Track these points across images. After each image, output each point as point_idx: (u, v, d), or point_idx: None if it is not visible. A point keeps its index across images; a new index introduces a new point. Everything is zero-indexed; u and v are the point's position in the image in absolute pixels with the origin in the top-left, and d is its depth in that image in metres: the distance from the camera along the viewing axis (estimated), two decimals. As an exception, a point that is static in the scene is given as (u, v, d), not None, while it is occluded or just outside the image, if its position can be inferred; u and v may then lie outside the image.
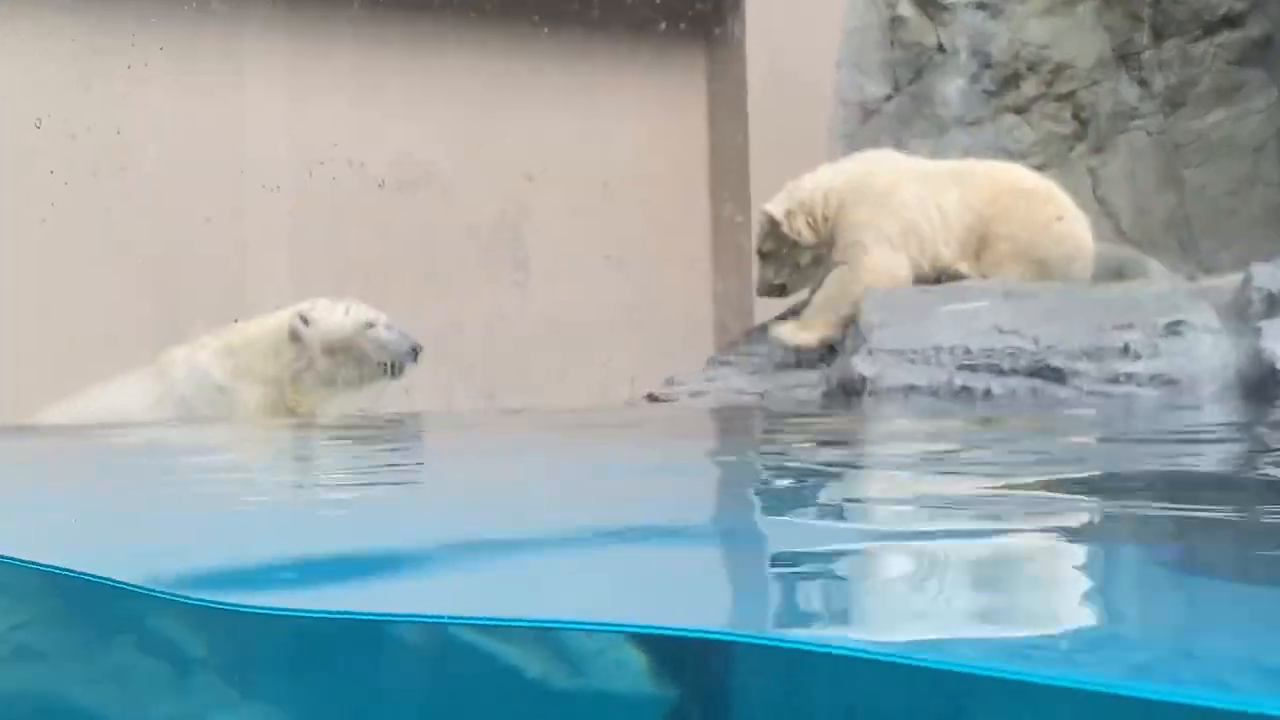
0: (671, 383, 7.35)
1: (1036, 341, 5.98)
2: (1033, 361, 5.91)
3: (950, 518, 2.28)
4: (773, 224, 7.43)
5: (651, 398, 7.23)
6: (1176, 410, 5.30)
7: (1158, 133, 9.44)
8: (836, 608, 1.68)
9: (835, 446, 4.20)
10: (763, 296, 7.81)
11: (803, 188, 7.43)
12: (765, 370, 7.36)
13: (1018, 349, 5.97)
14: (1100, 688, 1.22)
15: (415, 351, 6.25)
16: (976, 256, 7.23)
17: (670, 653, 1.68)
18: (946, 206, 7.25)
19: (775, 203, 7.49)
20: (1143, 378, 5.75)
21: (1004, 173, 7.59)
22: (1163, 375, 5.75)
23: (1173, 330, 5.94)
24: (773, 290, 7.64)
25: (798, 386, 6.90)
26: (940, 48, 9.59)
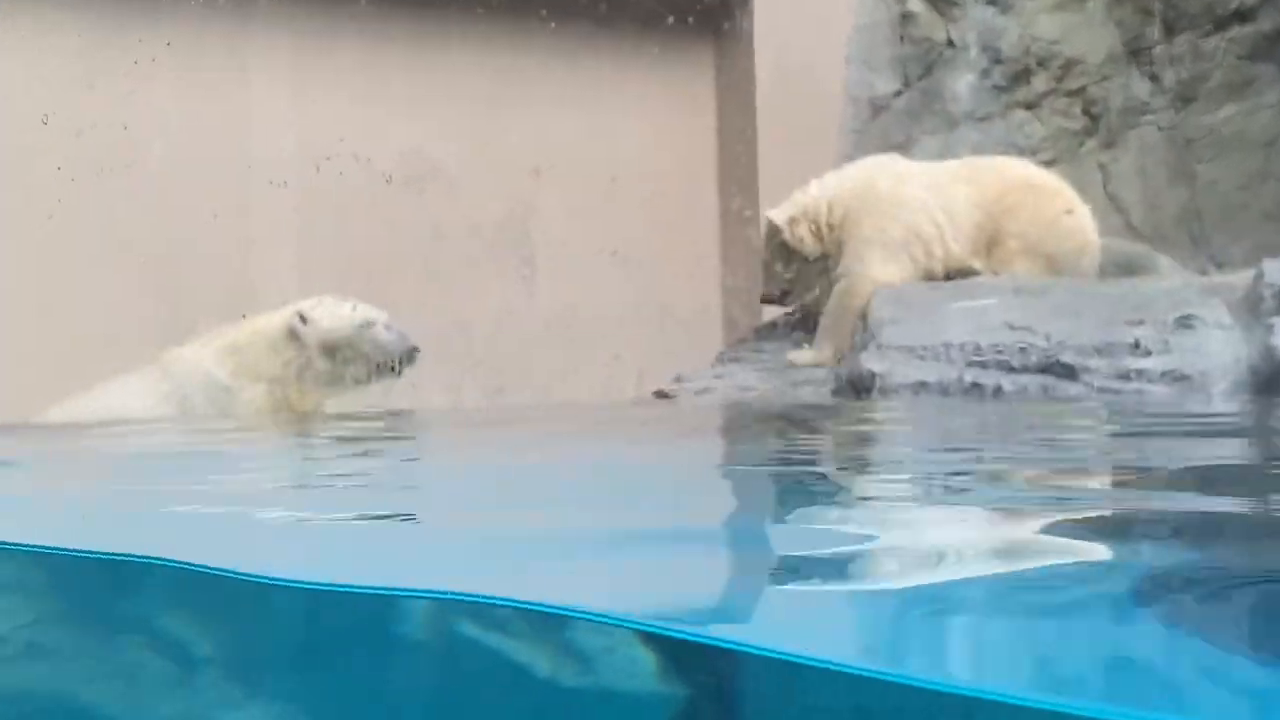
0: (680, 380, 7.34)
1: (1047, 338, 5.98)
2: (1043, 358, 5.91)
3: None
4: (776, 231, 7.43)
5: (659, 394, 7.22)
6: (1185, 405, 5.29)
7: (1169, 128, 9.43)
8: (848, 618, 1.66)
9: (851, 446, 4.20)
10: (766, 304, 7.82)
11: (808, 195, 7.43)
12: (774, 367, 7.35)
13: (1028, 345, 5.97)
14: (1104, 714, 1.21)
15: (413, 352, 6.27)
16: (987, 253, 7.23)
17: (681, 651, 1.67)
18: (954, 207, 7.25)
19: (779, 210, 7.49)
20: (1154, 374, 5.74)
21: (1010, 168, 7.59)
22: (1174, 371, 5.74)
23: (1184, 326, 5.94)
24: (776, 298, 7.65)
25: (806, 383, 6.89)
26: (950, 43, 9.58)
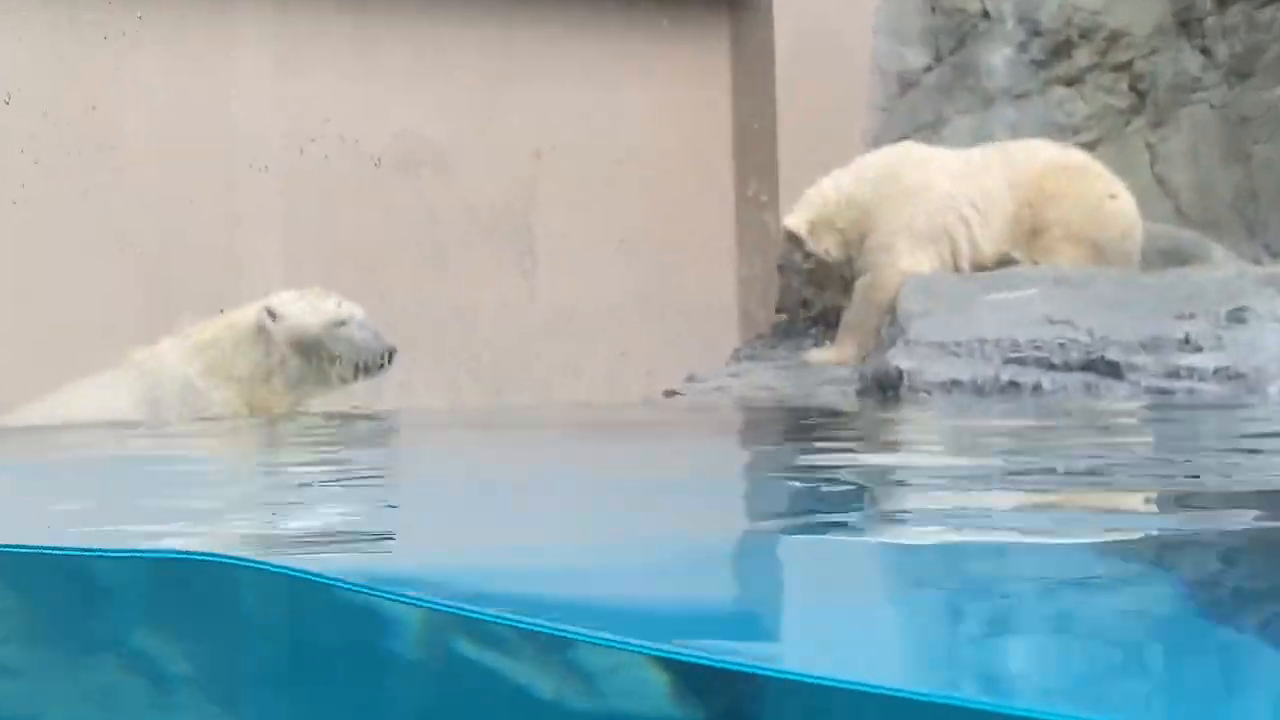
0: (693, 379, 7.33)
1: (1090, 333, 5.96)
2: (1086, 354, 5.89)
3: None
4: (798, 243, 7.35)
5: (670, 394, 7.21)
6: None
7: (1222, 105, 9.38)
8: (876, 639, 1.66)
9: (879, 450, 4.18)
10: (781, 314, 7.76)
11: (823, 197, 7.37)
12: (793, 365, 7.35)
13: (1070, 340, 5.95)
14: None
15: (388, 354, 6.26)
16: (1027, 243, 7.21)
17: (695, 671, 1.66)
18: (985, 196, 7.23)
19: (796, 216, 7.41)
20: (1205, 371, 5.72)
21: (1045, 151, 7.58)
22: (1227, 369, 5.72)
23: (1237, 319, 5.92)
24: (795, 311, 7.59)
25: (827, 383, 6.88)
26: (985, 14, 9.55)
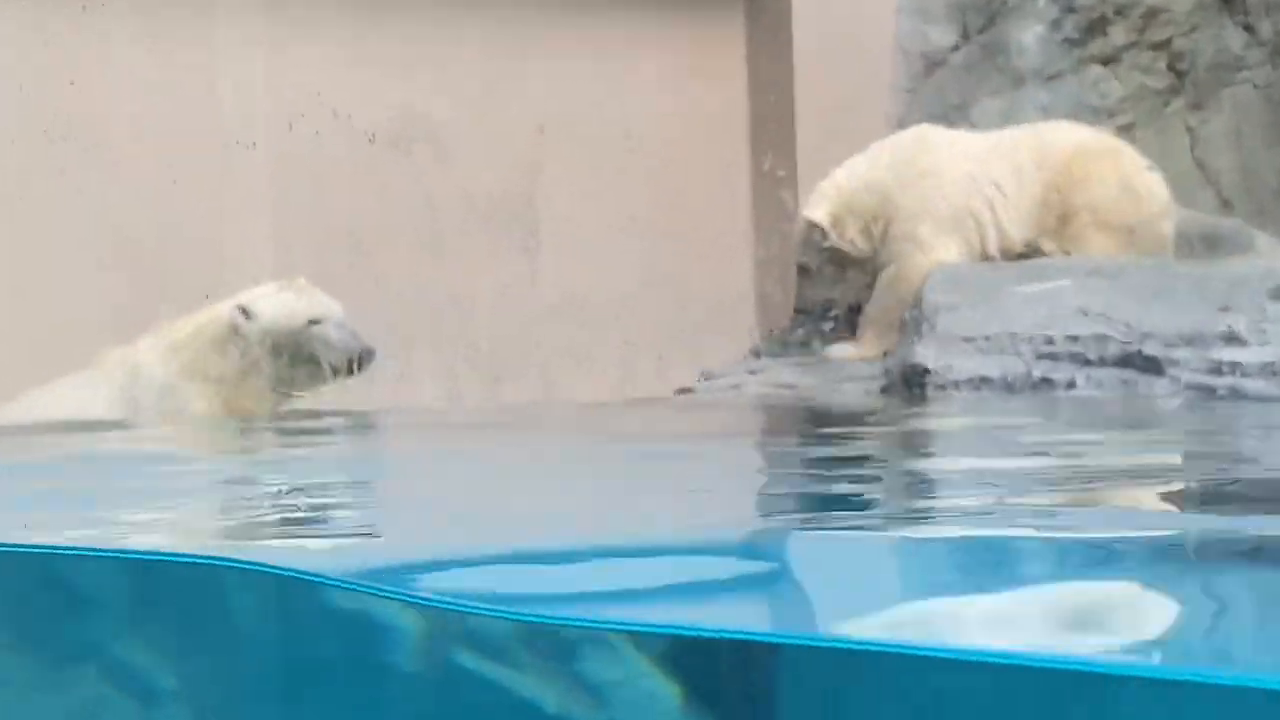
0: (707, 375, 7.34)
1: (1127, 326, 5.97)
2: (1123, 349, 5.90)
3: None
4: (820, 235, 7.33)
5: (683, 391, 7.22)
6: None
7: (1266, 85, 9.37)
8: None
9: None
10: (801, 314, 7.74)
11: (839, 186, 7.36)
12: (815, 361, 7.35)
13: (1106, 335, 5.96)
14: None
15: (365, 355, 6.29)
16: (1056, 232, 7.22)
17: (708, 684, 1.67)
18: (1010, 177, 7.24)
19: (815, 205, 7.38)
20: (1250, 367, 5.73)
21: (1068, 133, 7.59)
22: (1274, 364, 5.73)
23: (1283, 312, 5.93)
24: (814, 309, 7.57)
25: (852, 380, 6.89)
26: (1016, -11, 9.54)
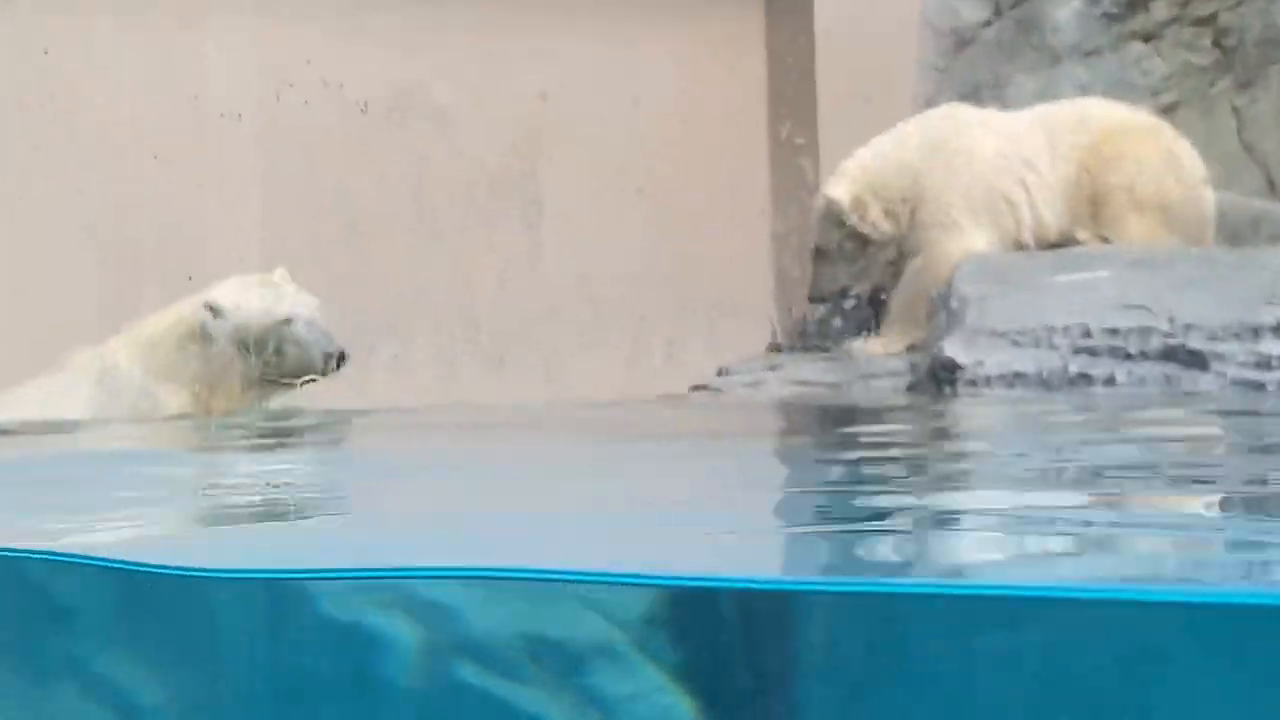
0: (724, 372, 7.32)
1: (1170, 319, 5.95)
2: (1166, 343, 5.88)
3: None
4: (840, 215, 7.28)
5: (699, 389, 7.20)
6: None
7: (1317, 64, 9.35)
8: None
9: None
10: (816, 302, 7.69)
11: (863, 166, 7.32)
12: (836, 357, 7.34)
13: (1147, 327, 5.95)
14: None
15: (335, 357, 6.31)
16: (1091, 217, 7.20)
17: (725, 700, 1.66)
18: (1044, 159, 7.22)
19: (836, 184, 7.34)
20: (1301, 362, 5.72)
21: (1097, 110, 7.59)
22: (1325, 359, 5.72)
23: (1337, 304, 5.92)
24: (830, 295, 7.53)
25: (875, 377, 6.88)
26: (1051, -39, 9.53)
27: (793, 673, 1.70)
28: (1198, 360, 5.82)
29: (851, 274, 7.37)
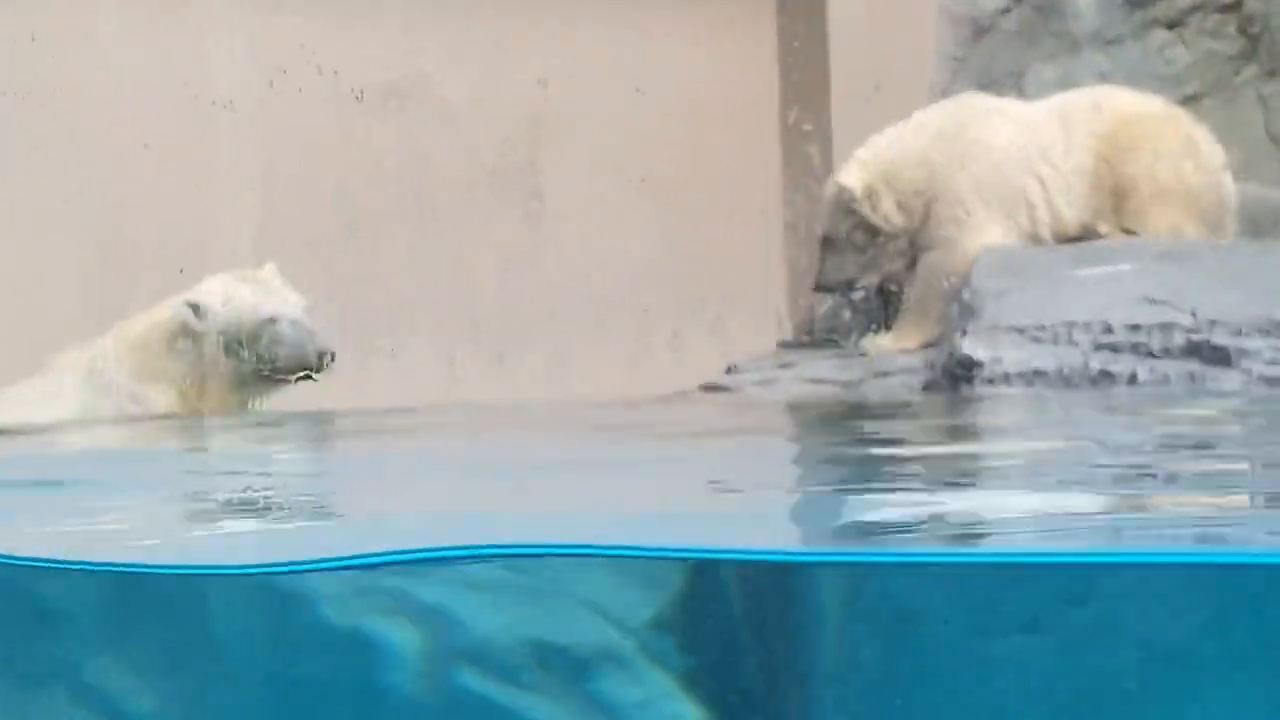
0: (734, 369, 7.32)
1: (1194, 314, 5.95)
2: (1189, 339, 5.88)
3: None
4: (851, 203, 7.27)
5: (711, 388, 7.20)
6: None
7: (1347, 51, 9.33)
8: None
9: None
10: (821, 292, 7.68)
11: (879, 155, 7.31)
12: (850, 354, 7.34)
13: (1171, 324, 5.94)
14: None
15: (320, 357, 6.31)
16: (1113, 210, 7.20)
17: (734, 708, 1.66)
18: (1063, 152, 7.22)
19: (849, 172, 7.33)
20: (1331, 359, 5.72)
21: (1109, 97, 7.57)
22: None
23: (1367, 299, 5.91)
24: (836, 286, 7.51)
25: (890, 374, 6.88)
26: (1071, -54, 9.51)
27: (803, 677, 1.70)
28: (1222, 357, 5.81)
29: (859, 265, 7.36)
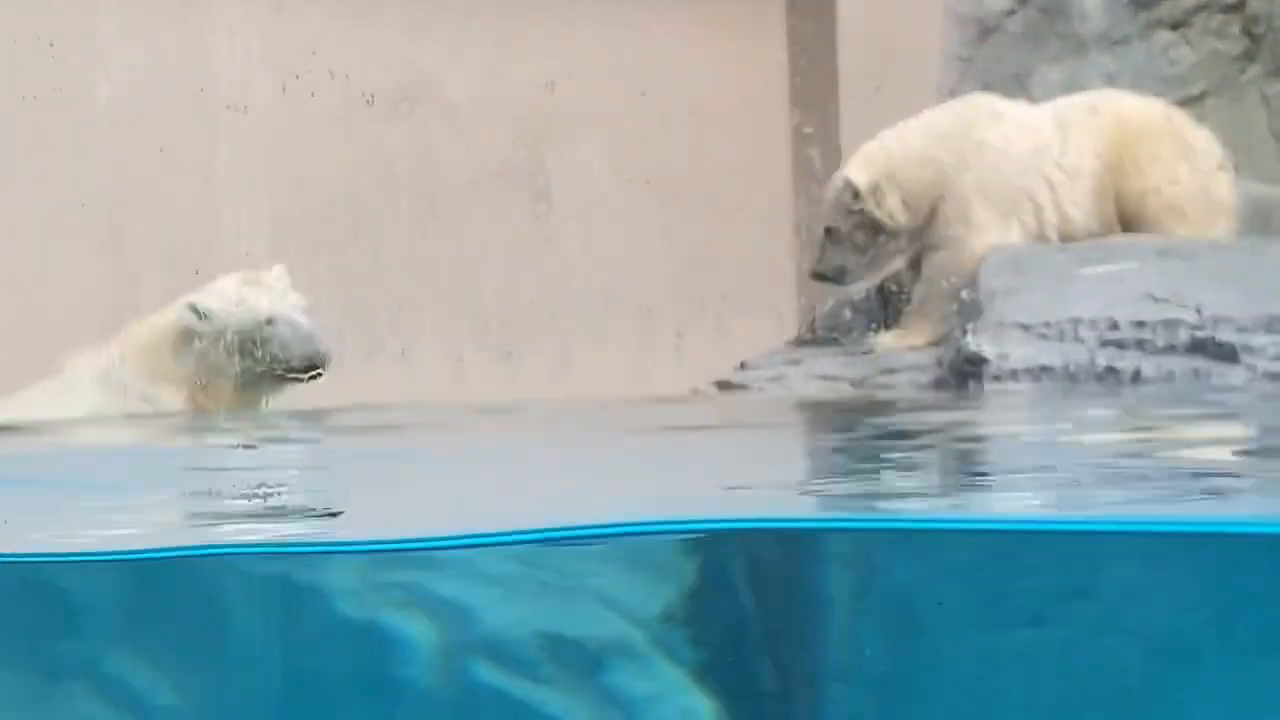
0: (745, 366, 7.32)
1: (1199, 311, 5.96)
2: (1194, 336, 5.88)
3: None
4: (854, 198, 7.27)
5: (723, 386, 7.20)
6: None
7: (1351, 51, 9.32)
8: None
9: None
10: (817, 279, 7.67)
11: (887, 152, 7.32)
12: (858, 351, 7.34)
13: (1175, 320, 5.95)
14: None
15: (317, 358, 6.33)
16: (1119, 218, 7.20)
17: (747, 702, 1.66)
18: (1071, 154, 7.22)
19: (855, 166, 7.34)
20: (1334, 355, 5.72)
21: (1109, 101, 7.56)
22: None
23: (1370, 295, 5.91)
24: (833, 277, 7.50)
25: (898, 371, 6.88)
26: (1077, -53, 9.50)
27: (813, 670, 1.70)
28: (1227, 354, 5.81)
29: (859, 261, 7.36)
